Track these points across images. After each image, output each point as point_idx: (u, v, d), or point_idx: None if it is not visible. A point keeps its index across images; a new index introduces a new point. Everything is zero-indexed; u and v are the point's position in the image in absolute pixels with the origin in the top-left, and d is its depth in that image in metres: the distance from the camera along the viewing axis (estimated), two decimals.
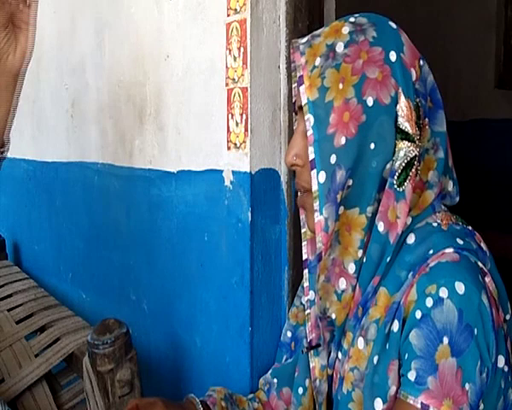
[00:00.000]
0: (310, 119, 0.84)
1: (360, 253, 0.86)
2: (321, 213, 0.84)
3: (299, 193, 0.98)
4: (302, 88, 0.86)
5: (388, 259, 0.84)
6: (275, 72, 1.18)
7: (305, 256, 1.00)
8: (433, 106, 0.89)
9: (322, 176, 0.83)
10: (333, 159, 0.83)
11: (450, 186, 0.92)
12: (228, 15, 1.17)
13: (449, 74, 3.29)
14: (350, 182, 0.84)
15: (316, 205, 0.84)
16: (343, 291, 0.88)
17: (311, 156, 0.84)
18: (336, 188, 0.83)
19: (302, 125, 0.89)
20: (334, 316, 0.89)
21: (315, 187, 0.84)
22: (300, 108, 0.88)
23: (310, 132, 0.84)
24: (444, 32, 3.32)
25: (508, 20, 3.26)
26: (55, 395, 1.37)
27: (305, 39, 0.90)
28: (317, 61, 0.85)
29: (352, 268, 0.87)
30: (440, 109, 0.90)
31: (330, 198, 0.83)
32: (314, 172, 0.84)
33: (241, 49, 1.14)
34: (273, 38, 1.18)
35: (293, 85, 0.99)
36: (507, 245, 2.83)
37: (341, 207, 0.85)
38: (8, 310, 1.66)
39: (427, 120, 0.87)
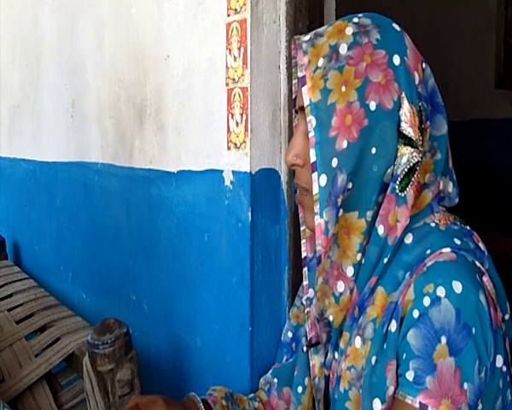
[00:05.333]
0: (312, 120, 0.84)
1: (359, 256, 0.86)
2: (321, 217, 0.84)
3: (298, 190, 0.98)
4: (304, 89, 0.85)
5: (386, 260, 0.84)
6: (275, 72, 1.19)
7: (304, 254, 1.00)
8: (432, 109, 0.88)
9: (324, 179, 0.83)
10: (334, 162, 0.82)
11: (450, 187, 0.92)
12: (228, 15, 1.17)
13: (449, 74, 3.29)
14: (350, 185, 0.83)
15: (316, 208, 0.84)
16: (341, 294, 0.88)
17: (313, 159, 0.84)
18: (337, 192, 0.83)
19: (303, 126, 0.89)
20: (331, 318, 0.89)
21: (316, 190, 0.84)
22: (302, 108, 0.88)
23: (311, 134, 0.84)
24: (444, 32, 3.31)
25: (508, 20, 3.26)
26: (55, 395, 1.37)
27: (307, 37, 0.89)
28: (320, 62, 0.85)
29: (350, 271, 0.87)
30: (439, 113, 0.89)
31: (331, 202, 0.83)
32: (315, 174, 0.83)
33: (241, 49, 1.14)
34: (273, 38, 1.18)
35: (294, 82, 0.98)
36: (507, 246, 2.83)
37: (341, 210, 0.84)
38: (9, 310, 1.66)
39: (428, 123, 0.86)
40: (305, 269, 1.00)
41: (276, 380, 1.10)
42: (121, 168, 1.58)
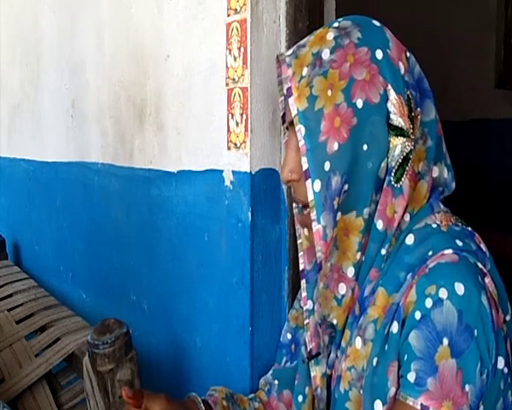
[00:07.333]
0: (301, 129, 0.84)
1: (359, 255, 0.86)
2: (318, 222, 0.84)
3: (296, 210, 0.98)
4: (291, 100, 0.86)
5: (384, 251, 0.84)
6: (275, 72, 1.18)
7: (301, 267, 1.00)
8: (420, 96, 0.88)
9: (318, 184, 0.83)
10: (327, 166, 0.83)
11: (445, 172, 0.92)
12: (228, 15, 1.17)
13: (449, 74, 3.29)
14: (346, 187, 0.83)
15: (313, 215, 0.84)
16: (343, 296, 0.88)
17: (305, 166, 0.84)
18: (332, 194, 0.83)
19: (294, 140, 0.89)
20: (335, 322, 0.89)
21: (311, 196, 0.84)
22: (291, 122, 0.88)
23: (302, 143, 0.84)
24: (444, 32, 3.31)
25: (508, 20, 3.25)
26: (55, 395, 1.37)
27: (290, 51, 0.90)
28: (304, 71, 0.85)
29: (351, 272, 0.87)
30: (427, 98, 0.89)
31: (327, 206, 0.83)
32: (309, 181, 0.84)
33: (241, 49, 1.14)
34: (273, 38, 1.18)
35: (280, 99, 0.98)
36: (507, 246, 2.83)
37: (339, 214, 0.84)
38: (9, 310, 1.66)
39: (418, 109, 0.86)
40: (304, 281, 1.00)
41: (276, 382, 1.10)
42: (121, 168, 1.58)
